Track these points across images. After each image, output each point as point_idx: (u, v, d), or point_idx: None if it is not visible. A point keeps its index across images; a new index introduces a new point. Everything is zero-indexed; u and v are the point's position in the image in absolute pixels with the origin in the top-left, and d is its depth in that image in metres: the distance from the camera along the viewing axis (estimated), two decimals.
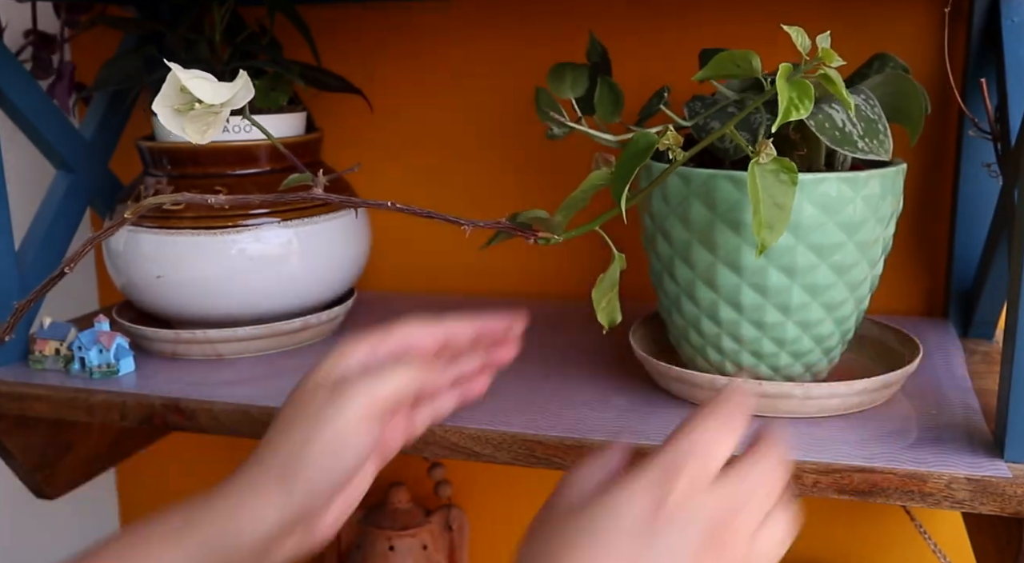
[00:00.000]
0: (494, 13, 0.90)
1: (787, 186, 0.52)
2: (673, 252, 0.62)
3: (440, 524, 0.97)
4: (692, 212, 0.59)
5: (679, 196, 0.60)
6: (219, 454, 1.10)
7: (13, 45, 0.87)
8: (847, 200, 0.57)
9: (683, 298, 0.63)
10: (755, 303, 0.59)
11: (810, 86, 0.51)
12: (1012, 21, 0.71)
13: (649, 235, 0.64)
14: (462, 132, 0.93)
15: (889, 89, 0.60)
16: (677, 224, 0.60)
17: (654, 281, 0.66)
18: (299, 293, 0.76)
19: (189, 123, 0.54)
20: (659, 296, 0.67)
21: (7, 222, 0.73)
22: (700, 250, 0.60)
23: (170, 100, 0.53)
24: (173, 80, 0.53)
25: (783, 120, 0.50)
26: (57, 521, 1.05)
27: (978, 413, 0.61)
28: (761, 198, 0.52)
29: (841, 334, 0.62)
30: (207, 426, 0.66)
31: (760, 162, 0.52)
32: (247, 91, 0.54)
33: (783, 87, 0.50)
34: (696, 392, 0.63)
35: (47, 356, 0.74)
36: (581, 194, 0.59)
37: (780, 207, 0.52)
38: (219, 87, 0.53)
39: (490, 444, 0.60)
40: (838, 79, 0.52)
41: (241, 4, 0.82)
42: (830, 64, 0.51)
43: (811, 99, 0.50)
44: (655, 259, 0.64)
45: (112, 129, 0.87)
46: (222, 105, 0.53)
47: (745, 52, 0.53)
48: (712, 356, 0.63)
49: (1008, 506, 0.52)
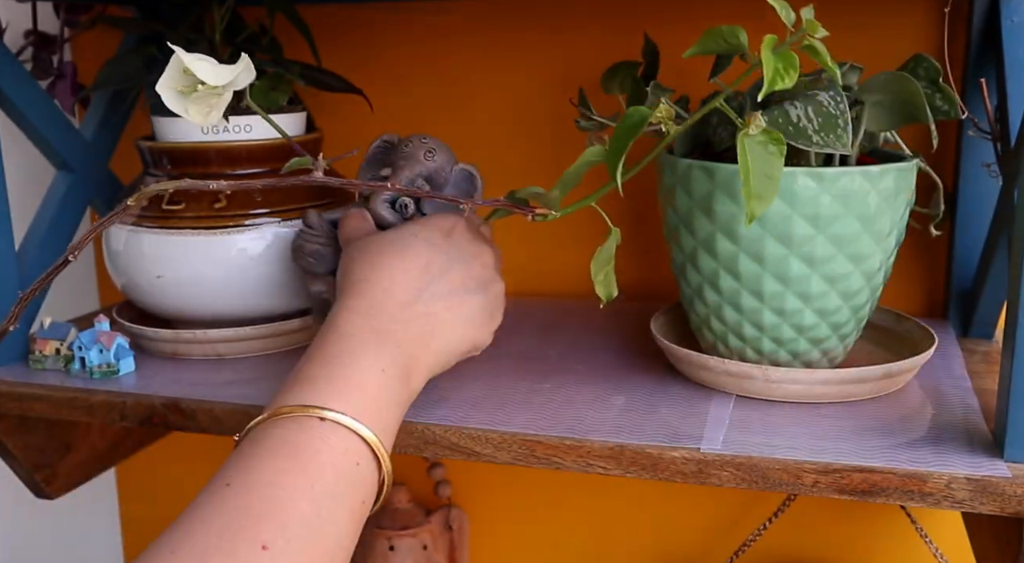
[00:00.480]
0: (495, 13, 0.90)
1: (775, 157, 0.53)
2: (697, 243, 0.64)
3: (440, 524, 0.97)
4: (717, 205, 0.61)
5: (703, 190, 0.62)
6: (219, 454, 1.09)
7: (13, 45, 0.87)
8: (864, 193, 0.60)
9: (706, 287, 0.65)
10: (775, 291, 0.62)
11: (795, 56, 0.52)
12: (1012, 21, 0.71)
13: (672, 228, 0.66)
14: (462, 132, 0.93)
15: (893, 88, 0.61)
16: (701, 216, 0.63)
17: (676, 272, 0.68)
18: (299, 293, 0.76)
19: (192, 104, 0.55)
20: (681, 286, 0.68)
21: (7, 222, 0.73)
22: (723, 241, 0.62)
23: (173, 81, 0.54)
24: (176, 62, 0.54)
25: (768, 89, 0.51)
26: (57, 521, 1.05)
27: (978, 413, 0.61)
28: (751, 169, 0.53)
29: (856, 321, 0.65)
30: (207, 426, 0.66)
31: (749, 133, 0.53)
32: (248, 73, 0.55)
33: (768, 58, 0.51)
34: (718, 378, 0.65)
35: (47, 356, 0.74)
36: (575, 169, 0.60)
37: (769, 177, 0.53)
38: (221, 69, 0.54)
39: (490, 444, 0.60)
40: (823, 50, 0.53)
41: (241, 4, 0.82)
42: (814, 35, 0.52)
43: (796, 69, 0.52)
44: (678, 251, 0.66)
45: (112, 129, 0.87)
46: (224, 87, 0.54)
47: (732, 27, 0.55)
48: (733, 343, 0.65)
49: (1008, 506, 0.52)
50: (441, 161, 0.68)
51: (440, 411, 0.63)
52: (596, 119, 0.75)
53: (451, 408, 0.64)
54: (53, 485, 0.82)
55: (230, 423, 0.65)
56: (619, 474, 0.58)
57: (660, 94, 0.71)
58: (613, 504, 0.98)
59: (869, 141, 0.67)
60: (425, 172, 0.67)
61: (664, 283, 0.90)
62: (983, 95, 0.68)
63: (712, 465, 0.56)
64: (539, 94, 0.90)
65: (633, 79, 0.75)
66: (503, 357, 0.74)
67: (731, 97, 0.67)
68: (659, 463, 0.57)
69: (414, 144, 0.68)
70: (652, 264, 0.89)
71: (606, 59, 0.79)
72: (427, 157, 0.67)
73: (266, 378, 0.71)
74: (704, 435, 0.58)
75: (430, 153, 0.67)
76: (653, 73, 0.77)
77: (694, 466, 0.56)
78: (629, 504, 0.98)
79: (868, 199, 0.60)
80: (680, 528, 0.97)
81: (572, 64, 0.88)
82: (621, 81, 0.77)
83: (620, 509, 0.98)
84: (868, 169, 0.60)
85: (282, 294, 0.75)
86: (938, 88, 0.64)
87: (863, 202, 0.60)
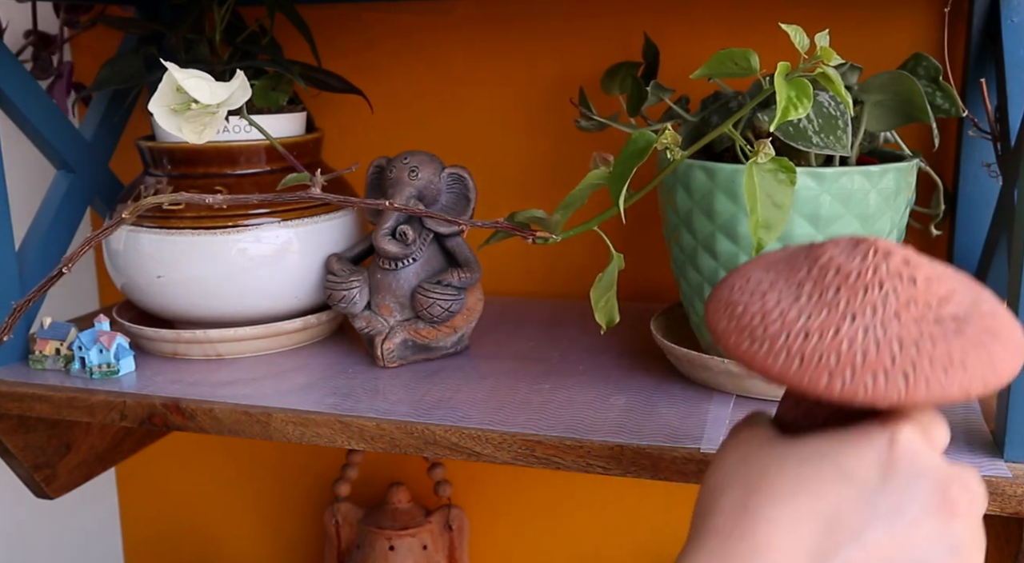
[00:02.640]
0: (495, 13, 0.90)
1: (785, 186, 0.53)
2: (697, 243, 0.64)
3: (440, 524, 0.97)
4: (717, 204, 0.61)
5: (704, 190, 0.62)
6: (219, 454, 1.10)
7: (13, 45, 0.87)
8: (864, 192, 0.60)
9: (706, 287, 0.65)
10: None
11: (808, 85, 0.51)
12: (1012, 21, 0.71)
13: (672, 227, 0.66)
14: (463, 133, 0.93)
15: (893, 88, 0.61)
16: (701, 216, 0.63)
17: (676, 271, 0.68)
18: (299, 293, 0.76)
19: (186, 123, 0.53)
20: (681, 286, 0.69)
21: (7, 222, 0.73)
22: (724, 241, 0.62)
23: (166, 100, 0.53)
24: (169, 80, 0.52)
25: (782, 119, 0.50)
26: (57, 521, 1.05)
27: (978, 413, 0.61)
28: (759, 198, 0.52)
29: None
30: (207, 426, 0.66)
31: (759, 162, 0.52)
32: (244, 91, 0.53)
33: (781, 86, 0.50)
34: (718, 378, 0.65)
35: (47, 356, 0.74)
36: (579, 192, 0.59)
37: (778, 207, 0.52)
38: (216, 87, 0.52)
39: (490, 444, 0.60)
40: (836, 77, 0.52)
41: (241, 4, 0.82)
42: (829, 63, 0.52)
43: (810, 98, 0.51)
44: (678, 250, 0.67)
45: (112, 129, 0.87)
46: (219, 105, 0.53)
47: (744, 50, 0.54)
48: None
49: (1008, 506, 0.52)
50: (427, 175, 0.70)
51: (440, 411, 0.63)
52: (596, 119, 0.75)
53: (451, 408, 0.64)
54: (53, 485, 0.82)
55: (230, 423, 0.65)
56: (619, 474, 0.58)
57: (661, 94, 0.71)
58: (613, 504, 0.98)
59: (869, 141, 0.67)
60: (415, 192, 0.69)
61: (664, 283, 0.89)
62: (983, 95, 0.68)
63: None
64: (540, 94, 0.90)
65: (633, 79, 0.75)
66: (503, 358, 0.74)
67: (731, 97, 0.68)
68: (659, 463, 0.57)
69: (397, 167, 0.70)
70: (652, 264, 0.89)
71: (606, 59, 0.79)
72: (411, 177, 0.70)
73: (266, 378, 0.71)
74: (704, 435, 0.58)
75: (413, 172, 0.69)
76: (653, 73, 0.77)
77: (694, 466, 0.56)
78: (629, 504, 0.98)
79: (868, 199, 0.60)
80: (680, 528, 0.97)
81: (572, 64, 0.88)
82: (621, 81, 0.77)
83: (620, 509, 0.98)
84: (868, 169, 0.60)
85: (282, 294, 0.75)
86: (938, 86, 0.64)
87: (863, 202, 0.60)
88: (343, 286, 0.72)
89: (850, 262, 0.39)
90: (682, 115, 0.70)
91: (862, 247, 0.39)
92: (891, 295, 0.37)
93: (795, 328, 0.37)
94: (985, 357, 0.36)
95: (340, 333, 0.82)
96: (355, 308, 0.72)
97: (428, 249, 0.72)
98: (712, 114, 0.68)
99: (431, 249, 0.72)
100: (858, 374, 0.36)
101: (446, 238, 0.72)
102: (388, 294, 0.71)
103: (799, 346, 0.37)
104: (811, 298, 0.38)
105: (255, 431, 0.65)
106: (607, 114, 0.76)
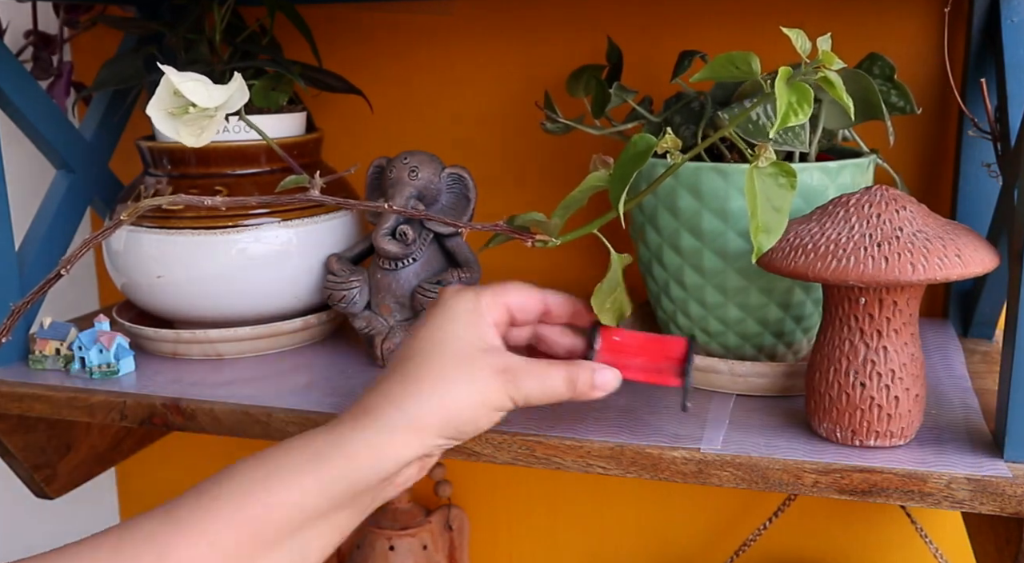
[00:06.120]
0: (495, 14, 0.90)
1: (786, 190, 0.53)
2: (662, 240, 0.65)
3: (440, 524, 0.97)
4: (680, 202, 0.62)
5: (667, 188, 0.63)
6: (219, 454, 1.10)
7: (13, 45, 0.87)
8: (823, 188, 0.62)
9: (671, 284, 0.66)
10: (739, 286, 0.63)
11: (809, 90, 0.51)
12: (1012, 21, 0.71)
13: (638, 226, 0.67)
14: (462, 133, 0.93)
15: (848, 86, 0.60)
16: (665, 214, 0.64)
17: (643, 270, 0.69)
18: (299, 293, 0.76)
19: (184, 126, 0.53)
20: (648, 284, 0.70)
21: (7, 222, 0.73)
22: (687, 237, 0.63)
23: (164, 103, 0.52)
24: (167, 83, 0.52)
25: (782, 125, 0.50)
26: (57, 521, 1.04)
27: (978, 413, 0.61)
28: (759, 202, 0.52)
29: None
30: (207, 426, 0.66)
31: (759, 166, 0.52)
32: (242, 94, 0.53)
33: (782, 91, 0.50)
34: (707, 377, 0.65)
35: (47, 356, 0.74)
36: (579, 195, 0.59)
37: (777, 211, 0.53)
38: (213, 90, 0.52)
39: (490, 444, 0.60)
40: (838, 82, 0.52)
41: (241, 4, 0.82)
42: (830, 67, 0.51)
43: (810, 103, 0.50)
44: (644, 248, 0.67)
45: (112, 129, 0.87)
46: (216, 108, 0.53)
47: (745, 54, 0.54)
48: (699, 338, 0.67)
49: (1008, 506, 0.52)
50: (427, 175, 0.70)
51: None
52: (562, 121, 0.76)
53: None
54: (53, 485, 0.82)
55: (230, 423, 0.65)
56: (619, 474, 0.58)
57: (624, 96, 0.72)
58: (613, 504, 0.98)
59: (828, 139, 0.67)
60: (415, 192, 0.69)
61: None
62: (983, 95, 0.68)
63: (712, 465, 0.56)
64: (533, 94, 0.90)
65: (597, 81, 0.75)
66: None
67: (692, 98, 0.69)
68: (659, 463, 0.57)
69: (397, 167, 0.70)
70: None
71: (572, 62, 0.80)
72: (411, 177, 0.69)
73: (266, 378, 0.71)
74: (704, 435, 0.58)
75: (413, 172, 0.69)
76: (617, 75, 0.77)
77: (694, 466, 0.56)
78: (629, 504, 0.98)
79: (827, 194, 0.61)
80: (680, 528, 0.97)
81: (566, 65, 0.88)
82: (586, 83, 0.78)
83: (620, 509, 0.98)
84: (826, 165, 0.62)
85: (282, 294, 0.75)
86: (893, 85, 0.65)
87: (822, 196, 0.61)
88: (343, 286, 0.72)
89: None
90: (645, 116, 0.71)
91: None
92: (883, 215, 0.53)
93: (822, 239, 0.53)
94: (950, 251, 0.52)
95: (340, 333, 0.82)
96: (355, 308, 0.72)
97: (428, 249, 0.72)
98: (675, 114, 0.69)
99: (431, 249, 0.72)
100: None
101: (446, 238, 0.72)
102: (388, 294, 0.71)
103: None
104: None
105: (255, 431, 0.65)
106: (574, 116, 0.76)
